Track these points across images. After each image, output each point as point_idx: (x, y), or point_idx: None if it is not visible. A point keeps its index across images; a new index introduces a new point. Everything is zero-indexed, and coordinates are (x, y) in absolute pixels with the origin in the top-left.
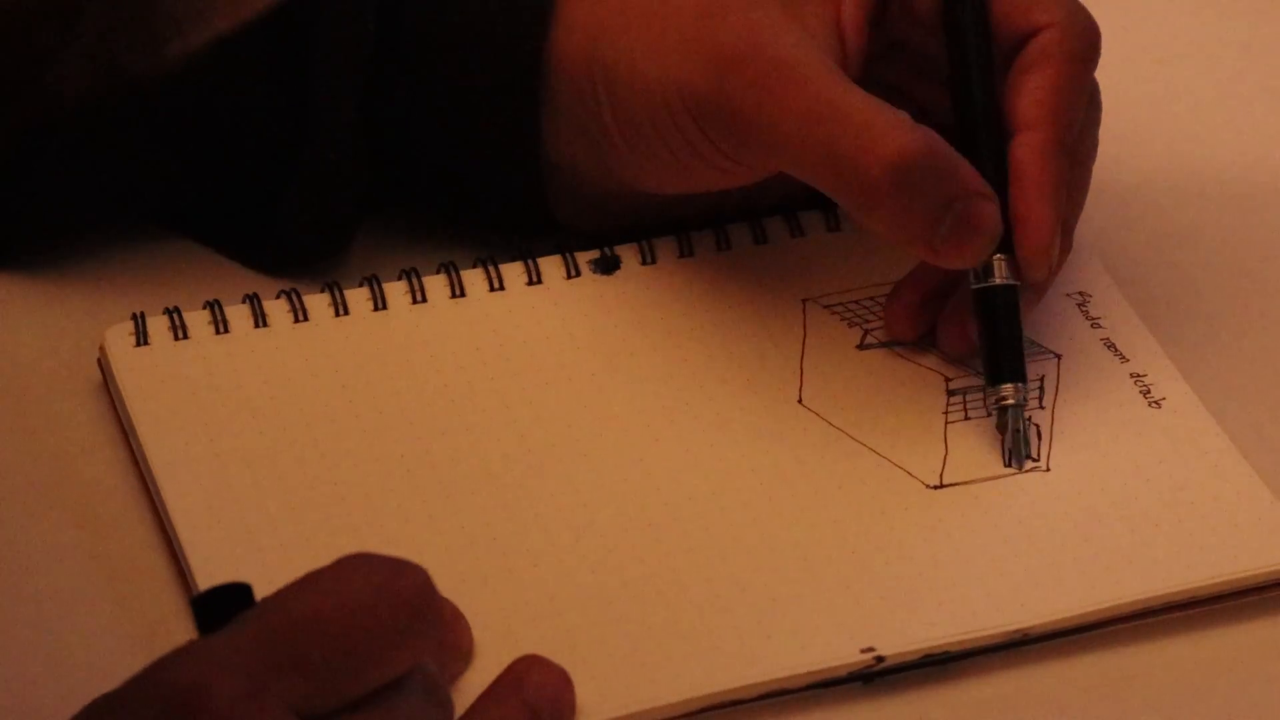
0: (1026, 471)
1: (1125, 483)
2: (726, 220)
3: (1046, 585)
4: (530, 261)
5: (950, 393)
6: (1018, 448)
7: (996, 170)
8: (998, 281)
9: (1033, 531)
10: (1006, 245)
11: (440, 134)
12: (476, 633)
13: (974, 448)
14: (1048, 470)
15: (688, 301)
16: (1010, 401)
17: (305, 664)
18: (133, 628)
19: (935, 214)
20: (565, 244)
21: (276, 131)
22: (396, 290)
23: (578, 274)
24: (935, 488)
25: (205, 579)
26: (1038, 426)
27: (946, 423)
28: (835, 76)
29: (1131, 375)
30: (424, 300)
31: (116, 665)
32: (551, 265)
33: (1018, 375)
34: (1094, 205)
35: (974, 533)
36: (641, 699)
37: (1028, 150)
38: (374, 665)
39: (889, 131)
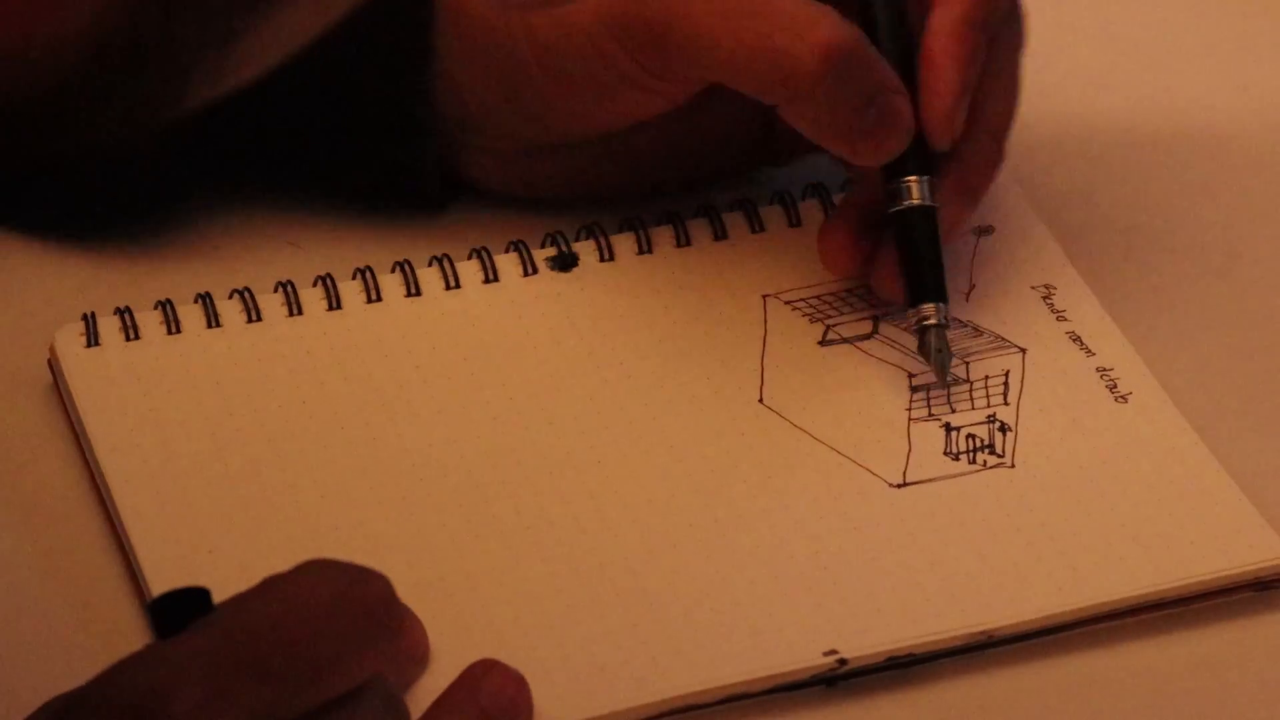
0: (991, 468)
1: (1091, 480)
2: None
3: (1011, 586)
4: (486, 259)
5: (914, 389)
6: (941, 367)
7: (900, 62)
8: (915, 202)
9: (997, 530)
10: (924, 166)
11: (330, 96)
12: (432, 636)
13: (938, 445)
14: (1013, 467)
15: (647, 299)
16: (932, 321)
17: (266, 671)
18: (84, 632)
19: (860, 107)
20: (521, 241)
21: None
22: (351, 289)
23: (535, 271)
24: (898, 486)
25: (158, 583)
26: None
27: (910, 420)
28: None
29: (1098, 370)
30: (379, 299)
31: (67, 669)
32: (508, 263)
33: (939, 294)
34: (1059, 198)
35: (938, 532)
36: (599, 703)
37: (938, 21)
38: (335, 673)
39: (819, 21)
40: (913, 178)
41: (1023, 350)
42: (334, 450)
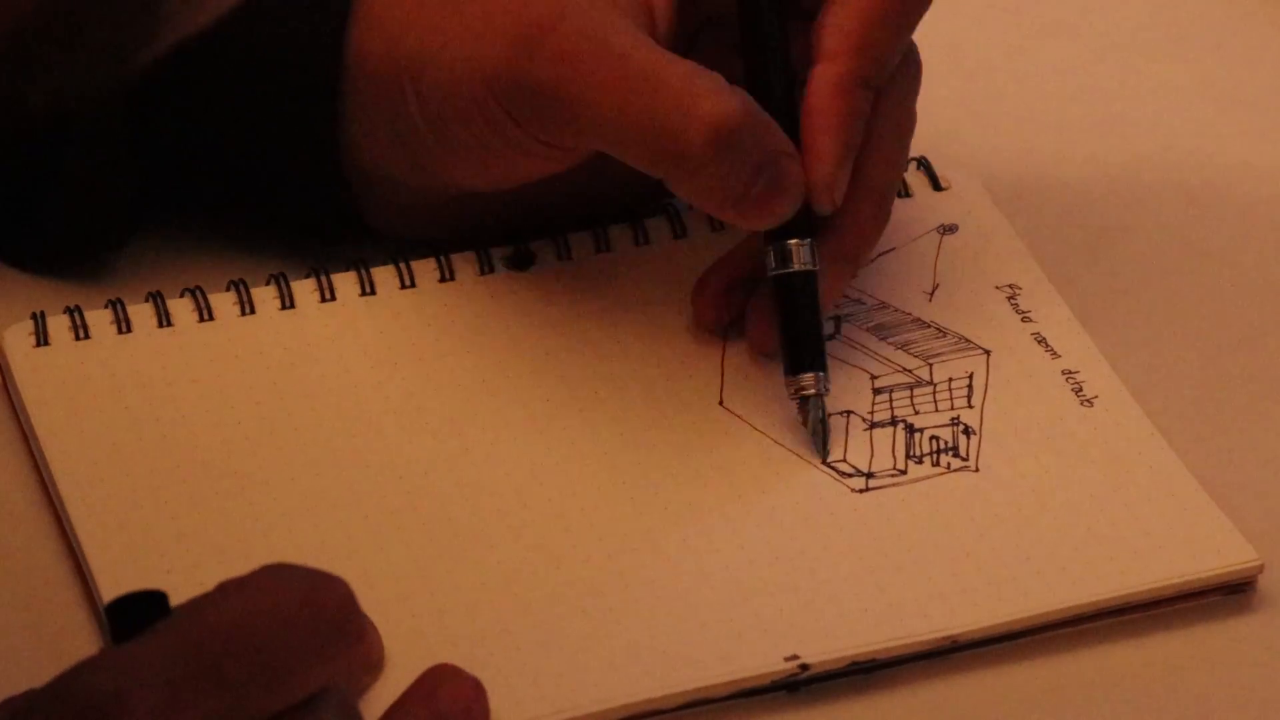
0: (955, 471)
1: (1056, 484)
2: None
3: (975, 591)
4: (442, 257)
5: (876, 391)
6: (818, 440)
7: (788, 120)
8: (796, 267)
9: (961, 535)
10: (806, 229)
11: (238, 141)
12: (387, 641)
13: (901, 448)
14: (976, 470)
15: (605, 299)
16: (810, 391)
17: (224, 676)
18: (33, 635)
19: (749, 176)
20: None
21: (41, 128)
22: (305, 288)
23: (491, 270)
24: (861, 491)
25: (108, 585)
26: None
27: (872, 423)
28: (646, 44)
29: (1063, 372)
30: (333, 298)
31: (16, 672)
32: (464, 261)
33: (817, 364)
34: (1025, 197)
35: (901, 537)
36: (558, 709)
37: (820, 81)
38: (292, 680)
39: (707, 95)
40: (794, 241)
41: (987, 352)
42: (288, 452)
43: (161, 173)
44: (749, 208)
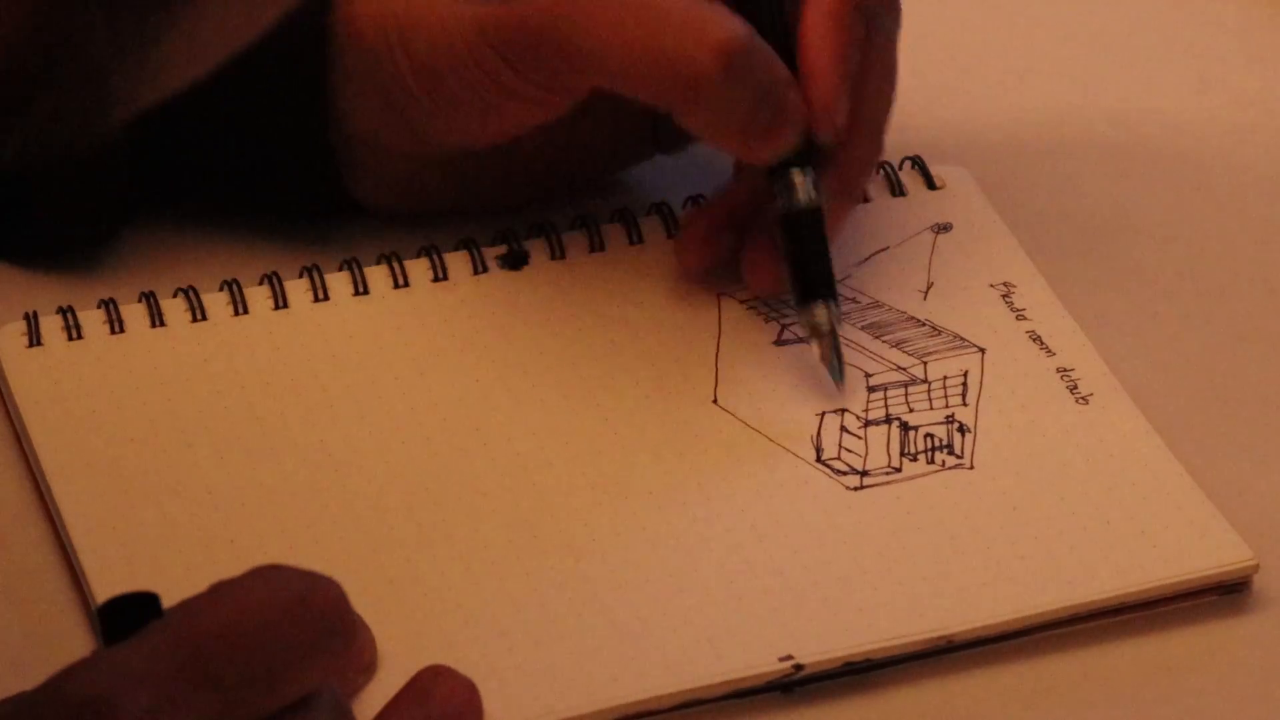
0: (950, 469)
1: (1051, 482)
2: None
3: (971, 590)
4: (436, 257)
5: (870, 389)
6: (834, 365)
7: (782, 50)
8: (800, 197)
9: (956, 533)
10: (807, 159)
11: (227, 117)
12: (380, 642)
13: (895, 446)
14: (971, 468)
15: (598, 298)
16: (823, 319)
17: (216, 678)
18: (26, 636)
19: (755, 104)
20: (471, 239)
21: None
22: (298, 288)
23: (485, 270)
24: (855, 489)
25: (101, 587)
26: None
27: (867, 421)
28: None
29: (1058, 370)
30: (326, 298)
31: (7, 673)
32: (458, 261)
33: (828, 292)
34: (1019, 194)
35: (896, 535)
36: (551, 709)
37: (816, 8)
38: (286, 681)
39: (715, 20)
40: (797, 171)
41: (982, 350)
42: (281, 452)
43: (152, 154)
44: (754, 138)
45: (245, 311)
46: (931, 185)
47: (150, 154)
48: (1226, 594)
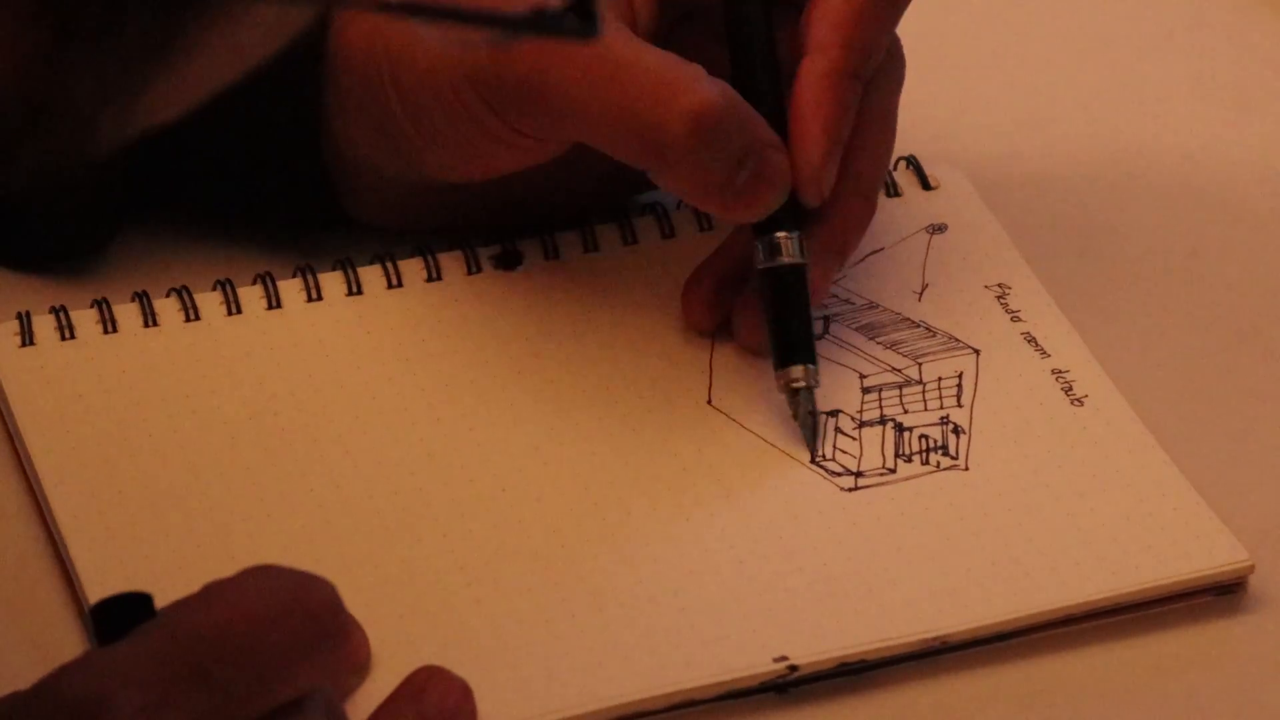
0: (944, 470)
1: (1046, 484)
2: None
3: (965, 591)
4: (430, 257)
5: (865, 390)
6: (808, 433)
7: (774, 112)
8: (785, 260)
9: (951, 535)
10: (794, 222)
11: (222, 132)
12: (374, 643)
13: (890, 447)
14: (966, 469)
15: (592, 298)
16: (800, 384)
17: (209, 678)
18: (19, 637)
19: (732, 167)
20: (465, 239)
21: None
22: (291, 288)
23: (479, 270)
24: (850, 490)
25: (94, 587)
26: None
27: (861, 422)
28: (625, 36)
29: (1053, 371)
30: (319, 298)
31: (3, 674)
32: (452, 261)
33: (806, 357)
34: (1015, 196)
35: (890, 536)
36: (545, 710)
37: (809, 73)
38: (279, 681)
39: (687, 85)
40: (783, 234)
41: (976, 351)
42: (274, 452)
43: (146, 165)
44: (734, 199)
45: (239, 311)
46: (927, 186)
47: (143, 170)
48: (1221, 595)
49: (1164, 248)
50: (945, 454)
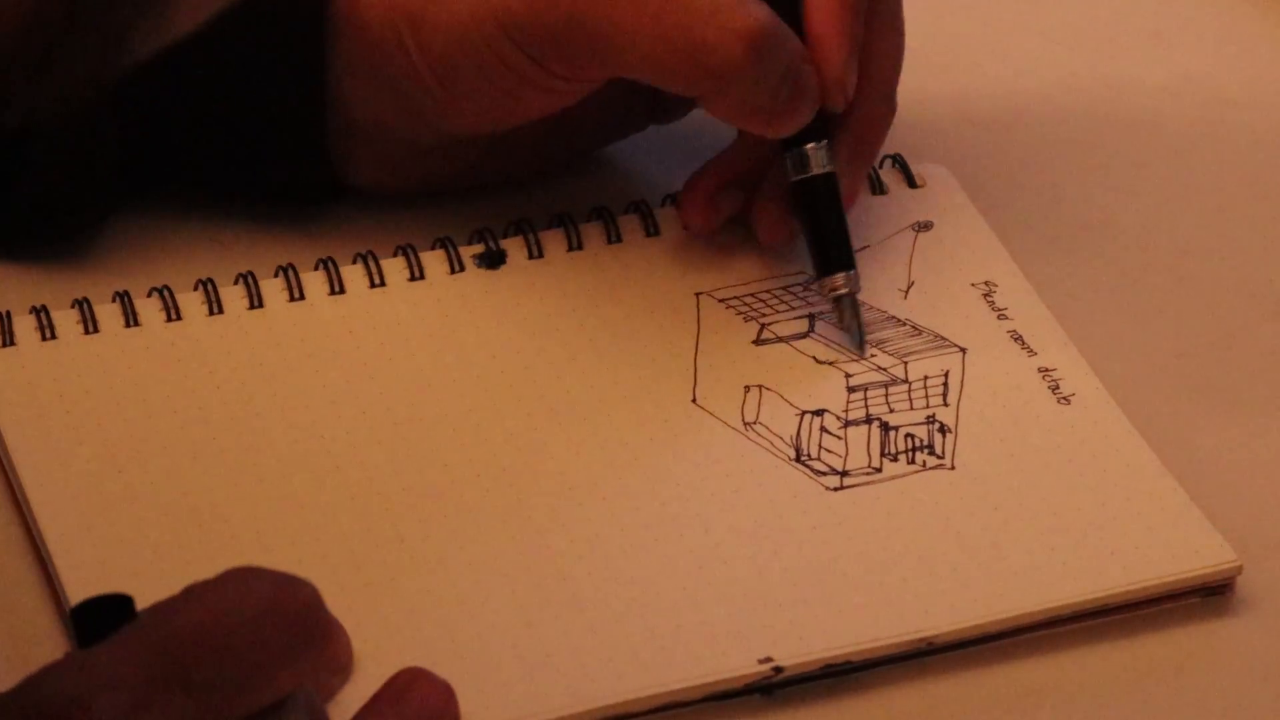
0: (930, 469)
1: (1033, 483)
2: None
3: (952, 591)
4: (412, 256)
5: (850, 389)
6: (854, 336)
7: (791, 24)
8: (815, 170)
9: (937, 534)
10: (819, 131)
11: (220, 105)
12: (356, 644)
13: (875, 446)
14: (952, 469)
15: (576, 297)
16: (843, 290)
17: (190, 680)
18: None
19: (778, 84)
20: (448, 238)
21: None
22: (273, 287)
23: (462, 269)
24: (836, 489)
25: (75, 589)
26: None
27: (847, 421)
28: None
29: (1039, 370)
30: (302, 297)
31: None
32: (434, 260)
33: (847, 263)
34: (1001, 194)
35: (876, 536)
36: (528, 712)
37: None
38: (261, 683)
39: (738, 7)
40: (811, 145)
41: (963, 350)
42: (256, 452)
43: (141, 139)
44: (776, 118)
45: (220, 311)
46: (912, 184)
47: (140, 133)
48: (1210, 596)
49: (1151, 246)
50: (931, 453)
